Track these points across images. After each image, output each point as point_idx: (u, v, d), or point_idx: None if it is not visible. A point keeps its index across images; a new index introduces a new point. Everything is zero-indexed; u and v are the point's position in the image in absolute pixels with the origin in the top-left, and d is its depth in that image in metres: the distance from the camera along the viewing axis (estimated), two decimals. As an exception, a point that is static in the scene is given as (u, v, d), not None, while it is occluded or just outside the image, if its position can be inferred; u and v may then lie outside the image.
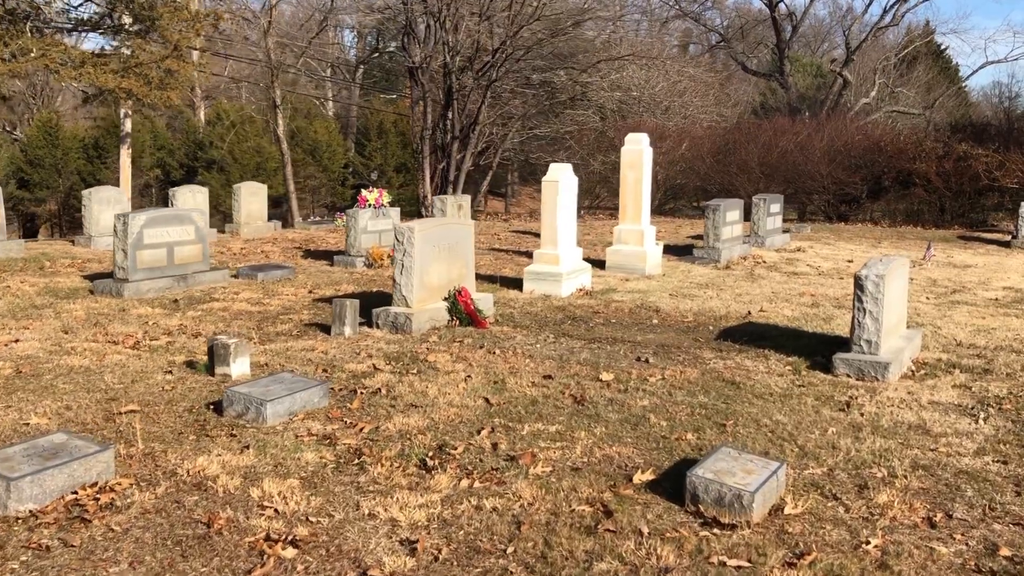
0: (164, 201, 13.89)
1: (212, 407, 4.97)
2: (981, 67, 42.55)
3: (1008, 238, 15.88)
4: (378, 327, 7.26)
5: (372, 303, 7.68)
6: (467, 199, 12.92)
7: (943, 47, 38.21)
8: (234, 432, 4.57)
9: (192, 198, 13.08)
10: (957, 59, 57.85)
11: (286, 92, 32.98)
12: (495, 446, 4.46)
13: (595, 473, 4.13)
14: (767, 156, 21.67)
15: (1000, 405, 5.63)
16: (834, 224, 19.92)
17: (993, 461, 4.51)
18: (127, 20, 14.12)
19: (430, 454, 4.31)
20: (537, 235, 15.36)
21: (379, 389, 5.36)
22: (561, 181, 9.24)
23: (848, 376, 6.21)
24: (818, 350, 6.84)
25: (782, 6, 34.39)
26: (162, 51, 13.67)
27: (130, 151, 18.79)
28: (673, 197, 24.36)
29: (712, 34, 39.92)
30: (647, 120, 23.98)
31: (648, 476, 4.08)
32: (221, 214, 32.28)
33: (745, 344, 7.12)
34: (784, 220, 20.78)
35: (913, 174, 20.03)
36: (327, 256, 11.99)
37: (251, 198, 14.26)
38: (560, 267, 9.24)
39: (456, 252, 7.84)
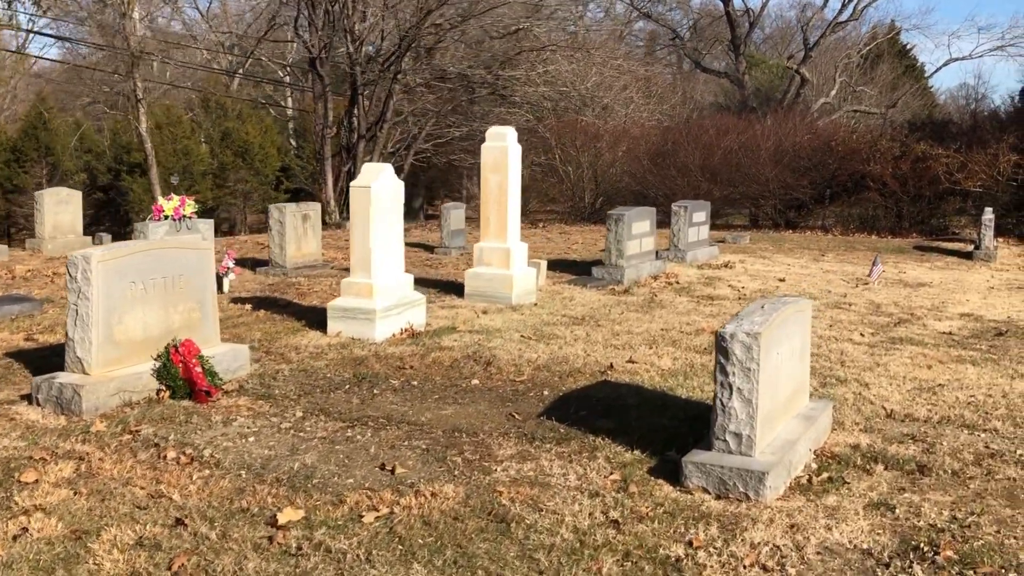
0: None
1: None
2: (944, 64, 41.14)
3: (970, 248, 13.84)
4: (39, 404, 4.91)
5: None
6: (316, 207, 10.54)
7: (908, 46, 36.38)
8: None
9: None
10: (921, 56, 56.33)
11: (211, 91, 30.53)
12: None
13: None
14: (709, 158, 19.50)
15: (935, 551, 3.42)
16: (780, 232, 17.76)
17: None
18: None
19: None
20: (432, 247, 13.04)
21: None
22: (375, 186, 6.92)
23: (705, 491, 3.96)
24: (678, 435, 4.62)
25: (739, 2, 32.36)
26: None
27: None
28: (609, 203, 22.13)
29: (671, 32, 37.86)
30: (581, 119, 21.72)
31: None
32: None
33: (577, 424, 4.87)
34: (729, 228, 18.73)
35: (867, 176, 17.89)
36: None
37: (58, 208, 11.73)
38: (374, 301, 6.90)
39: (181, 289, 5.50)
